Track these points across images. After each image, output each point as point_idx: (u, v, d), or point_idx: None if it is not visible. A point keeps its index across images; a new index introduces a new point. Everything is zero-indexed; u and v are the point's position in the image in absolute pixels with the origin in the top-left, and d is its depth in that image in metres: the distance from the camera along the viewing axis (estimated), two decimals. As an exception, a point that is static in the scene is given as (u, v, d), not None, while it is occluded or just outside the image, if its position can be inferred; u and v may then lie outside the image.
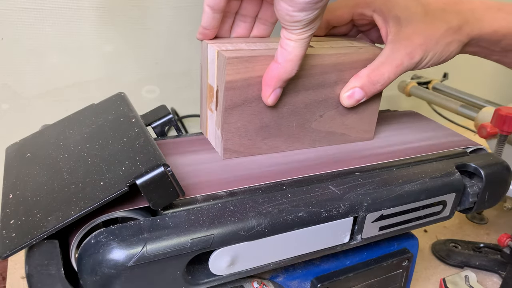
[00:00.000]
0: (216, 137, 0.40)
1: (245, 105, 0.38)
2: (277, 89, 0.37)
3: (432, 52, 0.41)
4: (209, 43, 0.38)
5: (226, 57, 0.35)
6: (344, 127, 0.44)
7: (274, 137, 0.40)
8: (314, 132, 0.42)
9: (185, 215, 0.31)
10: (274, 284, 0.39)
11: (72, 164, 0.34)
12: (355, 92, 0.41)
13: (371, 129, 0.46)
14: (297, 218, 0.33)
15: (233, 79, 0.36)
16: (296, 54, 0.34)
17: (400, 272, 0.45)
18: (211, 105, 0.40)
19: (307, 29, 0.33)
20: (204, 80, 0.41)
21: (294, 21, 0.32)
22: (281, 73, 0.35)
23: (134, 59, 0.70)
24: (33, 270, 0.29)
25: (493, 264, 0.63)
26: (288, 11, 0.32)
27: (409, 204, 0.38)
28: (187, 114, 0.79)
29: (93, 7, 0.63)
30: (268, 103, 0.37)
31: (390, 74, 0.40)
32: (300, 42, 0.34)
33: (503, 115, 0.57)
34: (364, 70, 0.41)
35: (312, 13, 0.32)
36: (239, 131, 0.39)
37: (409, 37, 0.40)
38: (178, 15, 0.70)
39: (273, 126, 0.40)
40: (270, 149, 0.41)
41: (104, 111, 0.41)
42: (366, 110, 0.44)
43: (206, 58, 0.39)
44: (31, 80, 0.64)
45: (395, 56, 0.40)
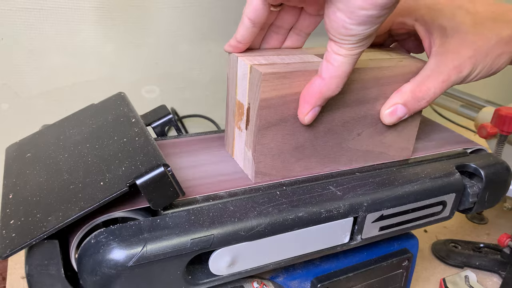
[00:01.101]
0: (246, 159, 0.37)
1: (280, 124, 0.35)
2: (317, 107, 0.33)
3: (481, 65, 0.38)
4: (240, 56, 0.35)
5: (261, 73, 0.32)
6: (382, 145, 0.41)
7: (309, 158, 0.37)
8: (350, 151, 0.39)
9: (185, 215, 0.31)
10: (274, 284, 0.39)
11: (72, 164, 0.34)
12: (397, 109, 0.38)
13: (410, 147, 0.42)
14: (297, 218, 0.33)
15: (269, 97, 0.33)
16: (344, 70, 0.31)
17: (400, 272, 0.45)
18: (240, 124, 0.37)
19: (360, 45, 0.30)
20: (232, 96, 0.38)
21: (348, 35, 0.29)
22: (323, 90, 0.32)
23: (134, 59, 0.70)
24: (33, 270, 0.29)
25: (493, 264, 0.63)
26: (345, 23, 0.28)
27: (409, 204, 0.38)
28: (187, 114, 0.79)
29: (93, 7, 0.63)
30: (305, 122, 0.34)
31: (436, 90, 0.37)
32: (350, 58, 0.31)
33: (503, 115, 0.57)
34: (407, 85, 0.38)
35: (371, 27, 0.29)
36: (272, 152, 0.35)
37: (457, 49, 0.37)
38: (178, 15, 0.70)
39: (308, 146, 0.37)
40: (303, 170, 0.38)
41: (104, 111, 0.41)
42: (406, 127, 0.41)
43: (235, 73, 0.36)
44: (31, 80, 0.64)
45: (442, 70, 0.37)
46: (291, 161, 0.37)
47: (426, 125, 0.51)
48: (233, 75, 0.37)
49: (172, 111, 0.74)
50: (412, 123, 0.41)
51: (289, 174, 0.37)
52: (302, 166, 0.37)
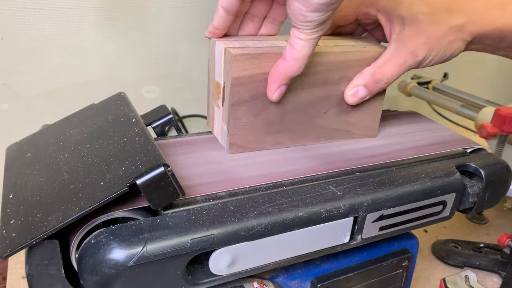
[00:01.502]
0: (223, 133, 0.41)
1: (251, 101, 0.38)
2: (282, 86, 0.37)
3: (435, 50, 0.41)
4: (217, 40, 0.39)
5: (232, 54, 0.35)
6: (348, 124, 0.44)
7: (279, 133, 0.41)
8: (318, 128, 0.43)
9: (185, 215, 0.31)
10: (274, 284, 0.39)
11: (72, 164, 0.34)
12: (359, 90, 0.41)
13: (375, 127, 0.46)
14: (297, 218, 0.33)
15: (240, 76, 0.36)
16: (304, 53, 0.35)
17: (400, 272, 0.45)
18: (217, 101, 0.41)
19: (318, 30, 0.34)
20: (212, 77, 0.41)
21: (306, 21, 0.33)
22: (287, 71, 0.36)
23: (134, 59, 0.70)
24: (34, 270, 0.29)
25: (493, 264, 0.63)
26: (301, 11, 0.32)
27: (409, 204, 0.38)
28: (187, 114, 0.79)
29: (93, 7, 0.63)
30: (273, 99, 0.38)
31: (394, 73, 0.41)
32: (309, 42, 0.34)
33: (503, 115, 0.57)
34: (368, 68, 0.41)
35: (324, 14, 0.32)
36: (245, 126, 0.39)
37: (413, 36, 0.40)
38: (178, 15, 0.70)
39: (278, 122, 0.40)
40: (275, 144, 0.41)
41: (104, 111, 0.41)
42: (369, 108, 0.44)
43: (214, 56, 0.40)
44: (31, 80, 0.64)
45: (399, 55, 0.40)
46: (263, 135, 0.41)
47: (426, 125, 0.51)
48: (211, 58, 0.40)
49: (172, 111, 0.73)
50: (375, 103, 0.44)
51: (262, 147, 0.41)
52: (273, 140, 0.41)
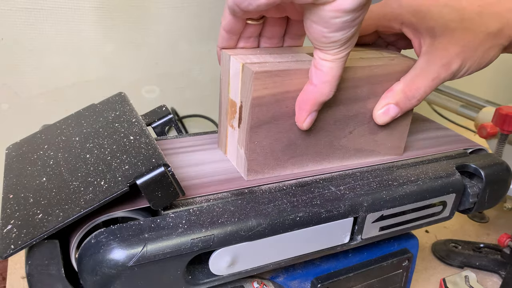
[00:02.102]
0: (239, 157, 0.37)
1: (272, 122, 0.35)
2: (313, 112, 0.34)
3: (470, 60, 0.38)
4: (232, 55, 0.35)
5: (253, 71, 0.32)
6: (374, 143, 0.41)
7: (301, 156, 0.38)
8: (342, 149, 0.39)
9: (186, 215, 0.31)
10: (274, 284, 0.39)
11: (72, 164, 0.34)
12: (390, 108, 0.38)
13: (401, 145, 0.43)
14: (297, 218, 0.33)
15: (260, 95, 0.33)
16: (334, 75, 0.32)
17: (400, 272, 0.45)
18: (232, 122, 0.37)
19: (345, 48, 0.30)
20: (225, 94, 0.38)
21: (330, 42, 0.30)
22: (317, 96, 0.33)
23: (134, 59, 0.70)
24: (34, 270, 0.29)
25: (493, 264, 0.63)
26: (323, 33, 0.29)
27: (409, 204, 0.38)
28: (187, 114, 0.79)
29: (93, 7, 0.63)
30: (304, 128, 0.35)
31: (427, 88, 0.38)
32: (337, 62, 0.31)
33: (503, 114, 0.58)
34: (398, 84, 0.38)
35: (349, 31, 0.29)
36: (265, 150, 0.36)
37: (445, 47, 0.37)
38: (178, 15, 0.70)
39: (300, 144, 0.37)
40: (296, 168, 0.38)
41: (104, 111, 0.41)
42: (397, 126, 0.41)
43: (228, 71, 0.36)
44: (31, 80, 0.64)
45: (431, 69, 0.37)
46: (283, 159, 0.37)
47: (426, 125, 0.51)
48: (225, 73, 0.37)
49: (172, 111, 0.73)
50: (403, 122, 0.41)
51: (282, 172, 0.37)
52: (294, 164, 0.38)
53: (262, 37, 0.38)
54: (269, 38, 0.38)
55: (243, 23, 0.35)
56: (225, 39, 0.36)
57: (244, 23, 0.35)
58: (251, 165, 0.36)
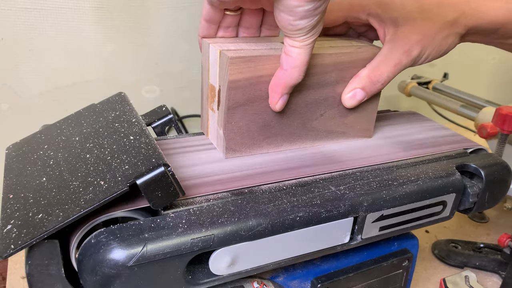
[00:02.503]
0: (218, 137, 0.40)
1: (248, 104, 0.38)
2: (285, 95, 0.37)
3: (430, 47, 0.41)
4: (211, 43, 0.38)
5: (229, 57, 0.35)
6: (344, 126, 0.44)
7: (276, 136, 0.41)
8: (314, 130, 0.43)
9: (186, 215, 0.31)
10: (274, 284, 0.39)
11: (72, 164, 0.34)
12: (356, 93, 0.41)
13: (370, 128, 0.46)
14: (297, 218, 0.33)
15: (236, 79, 0.36)
16: (302, 60, 0.35)
17: (400, 272, 0.45)
18: (212, 105, 0.40)
19: (310, 35, 0.33)
20: (206, 80, 0.41)
21: (296, 29, 0.32)
22: (287, 80, 0.36)
23: (134, 59, 0.70)
24: (34, 270, 0.29)
25: (493, 264, 0.63)
26: (289, 20, 0.32)
27: (409, 204, 0.38)
28: (187, 114, 0.79)
29: (93, 7, 0.63)
30: (276, 109, 0.38)
31: (389, 73, 0.40)
32: (305, 48, 0.34)
33: (503, 114, 0.58)
34: (364, 70, 0.41)
35: (313, 19, 0.32)
36: (241, 130, 0.39)
37: (406, 35, 0.40)
38: (178, 15, 0.70)
39: (274, 125, 0.40)
40: (271, 147, 0.41)
41: (104, 111, 0.41)
42: (365, 109, 0.44)
43: (208, 58, 0.39)
44: (31, 80, 0.64)
45: (393, 55, 0.40)
46: (259, 139, 0.40)
47: (426, 125, 0.51)
48: (206, 60, 0.40)
49: (172, 111, 0.74)
50: (371, 105, 0.44)
51: (258, 151, 0.41)
52: (269, 144, 0.41)
53: (240, 27, 0.40)
54: (246, 28, 0.40)
55: (221, 13, 0.38)
56: (205, 28, 0.39)
57: (222, 13, 0.38)
58: (229, 144, 0.39)
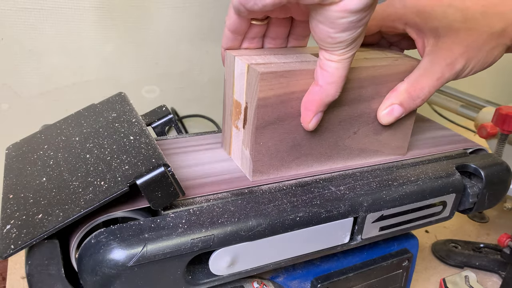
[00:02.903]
0: (244, 157, 0.37)
1: (277, 123, 0.35)
2: (319, 113, 0.34)
3: (474, 60, 0.38)
4: (237, 55, 0.35)
5: (259, 72, 0.32)
6: (378, 143, 0.41)
7: (306, 156, 0.38)
8: (347, 149, 0.40)
9: (186, 215, 0.31)
10: (274, 284, 0.39)
11: (72, 164, 0.34)
12: (394, 109, 0.38)
13: (405, 145, 0.43)
14: (297, 218, 0.33)
15: (266, 96, 0.33)
16: (339, 75, 0.32)
17: (400, 272, 0.45)
18: (237, 123, 0.37)
19: (350, 48, 0.30)
20: (229, 95, 0.38)
21: (336, 43, 0.30)
22: (323, 97, 0.33)
23: (134, 59, 0.70)
24: (34, 270, 0.29)
25: (493, 264, 0.63)
26: (329, 33, 0.29)
27: (409, 204, 0.38)
28: (187, 114, 0.79)
29: (93, 7, 0.63)
30: (309, 129, 0.35)
31: (431, 88, 0.38)
32: (343, 63, 0.31)
33: (503, 114, 0.58)
34: (402, 84, 0.38)
35: (355, 31, 0.29)
36: (270, 151, 0.36)
37: (449, 47, 0.37)
38: (178, 15, 0.70)
39: (305, 144, 0.37)
40: (301, 169, 0.38)
41: (104, 111, 0.41)
42: (401, 126, 0.41)
43: (233, 72, 0.36)
44: (31, 80, 0.64)
45: (435, 69, 0.37)
46: (288, 160, 0.37)
47: (426, 125, 0.51)
48: (230, 74, 0.37)
49: (172, 111, 0.74)
50: (407, 122, 0.41)
51: (287, 173, 0.37)
52: (299, 164, 0.38)
53: (266, 38, 0.38)
54: (273, 39, 0.38)
55: (248, 23, 0.35)
56: (230, 39, 0.36)
57: (249, 23, 0.35)
58: (256, 166, 0.36)
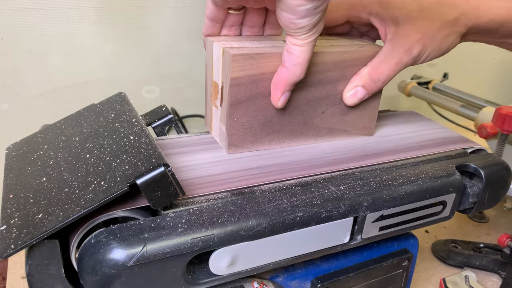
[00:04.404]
0: (221, 133, 0.41)
1: (250, 101, 0.38)
2: (286, 92, 0.38)
3: (430, 46, 0.41)
4: (214, 40, 0.39)
5: (231, 54, 0.35)
6: (345, 124, 0.44)
7: (278, 133, 0.41)
8: (316, 128, 0.43)
9: (186, 215, 0.31)
10: (274, 284, 0.39)
11: (72, 164, 0.34)
12: (357, 91, 0.42)
13: (372, 126, 0.46)
14: (297, 218, 0.33)
15: (238, 76, 0.37)
16: (304, 58, 0.35)
17: (400, 272, 0.45)
18: (216, 102, 0.41)
19: (312, 33, 0.34)
20: (209, 77, 0.41)
21: (298, 28, 0.33)
22: (289, 77, 0.36)
23: (134, 59, 0.70)
24: (34, 270, 0.29)
25: (493, 264, 0.63)
26: (290, 19, 0.32)
27: (409, 204, 0.38)
28: (187, 114, 0.79)
29: (93, 7, 0.63)
30: (278, 106, 0.39)
31: (390, 72, 0.41)
32: (306, 46, 0.35)
33: (503, 114, 0.58)
34: (365, 68, 0.41)
35: (314, 17, 0.32)
36: (244, 126, 0.39)
37: (407, 34, 0.41)
38: (178, 15, 0.70)
39: (276, 122, 0.41)
40: (273, 144, 0.42)
41: (104, 111, 0.41)
42: (366, 107, 0.44)
43: (211, 56, 0.40)
44: (31, 80, 0.64)
45: (394, 54, 0.41)
46: (261, 135, 0.41)
47: (426, 125, 0.51)
48: (209, 58, 0.40)
49: (172, 111, 0.74)
50: (372, 103, 0.45)
51: (260, 147, 0.41)
52: (271, 140, 0.42)
53: (244, 26, 0.41)
54: (250, 27, 0.41)
55: (225, 12, 0.38)
56: (209, 27, 0.39)
57: (225, 12, 0.38)
58: (232, 140, 0.40)
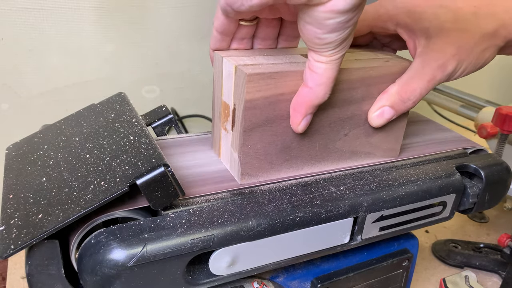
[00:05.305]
0: (232, 160, 0.36)
1: (266, 125, 0.34)
2: (308, 115, 0.33)
3: (466, 61, 0.37)
4: (225, 56, 0.35)
5: (246, 73, 0.31)
6: (369, 146, 0.40)
7: (296, 159, 0.37)
8: (337, 152, 0.39)
9: (186, 215, 0.31)
10: (274, 284, 0.39)
11: (72, 164, 0.34)
12: (384, 111, 0.38)
13: (397, 148, 0.42)
14: (297, 219, 0.33)
15: (254, 98, 0.32)
16: (329, 76, 0.31)
17: (400, 272, 0.45)
18: (225, 125, 0.36)
19: (339, 49, 0.30)
20: (217, 96, 0.37)
21: (324, 44, 0.29)
22: (312, 99, 0.32)
23: (134, 59, 0.70)
24: (33, 270, 0.29)
25: (493, 264, 0.63)
26: (317, 34, 0.28)
27: (409, 204, 0.38)
28: (187, 114, 0.79)
29: (93, 7, 0.63)
30: (298, 131, 0.34)
31: (422, 90, 0.37)
32: (332, 64, 0.30)
33: (503, 114, 0.58)
34: (393, 86, 0.37)
35: (344, 32, 0.28)
36: (259, 153, 0.35)
37: (440, 48, 0.37)
38: (178, 15, 0.70)
39: (294, 147, 0.36)
40: (291, 171, 0.37)
41: (104, 111, 0.41)
42: (393, 128, 0.40)
43: (221, 73, 0.35)
44: (31, 80, 0.64)
45: (426, 70, 0.37)
46: (278, 162, 0.36)
47: (426, 125, 0.51)
48: (218, 75, 0.36)
49: (172, 111, 0.74)
50: (399, 124, 0.41)
51: (276, 176, 0.37)
52: (289, 167, 0.37)
53: (256, 39, 0.37)
54: (262, 40, 0.37)
55: (236, 24, 0.34)
56: (218, 40, 0.35)
57: (237, 24, 0.34)
58: (245, 169, 0.35)
